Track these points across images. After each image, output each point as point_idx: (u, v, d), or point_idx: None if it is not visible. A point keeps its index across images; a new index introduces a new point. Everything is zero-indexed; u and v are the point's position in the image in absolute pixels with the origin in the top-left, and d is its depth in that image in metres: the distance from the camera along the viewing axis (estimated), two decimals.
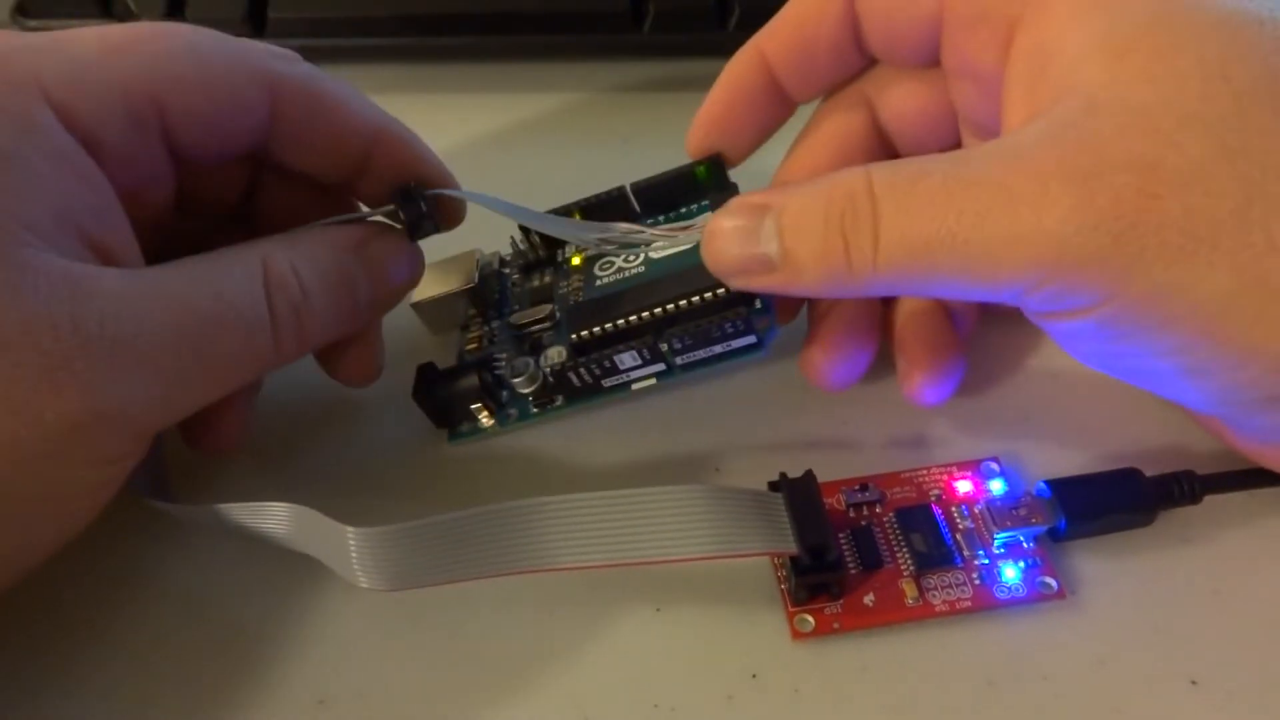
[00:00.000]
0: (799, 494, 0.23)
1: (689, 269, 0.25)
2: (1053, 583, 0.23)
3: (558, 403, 0.27)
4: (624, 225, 0.27)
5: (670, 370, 0.26)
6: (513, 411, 0.28)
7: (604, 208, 0.28)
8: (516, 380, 0.27)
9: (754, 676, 0.23)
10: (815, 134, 0.28)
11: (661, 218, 0.28)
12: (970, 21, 0.23)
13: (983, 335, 0.29)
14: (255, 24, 0.39)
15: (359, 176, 0.26)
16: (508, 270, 0.30)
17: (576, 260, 0.29)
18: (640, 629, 0.24)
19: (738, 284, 0.23)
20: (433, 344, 0.31)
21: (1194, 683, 0.22)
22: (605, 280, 0.27)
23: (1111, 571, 0.24)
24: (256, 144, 0.25)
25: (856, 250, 0.21)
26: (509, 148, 0.38)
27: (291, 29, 0.39)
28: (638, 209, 0.28)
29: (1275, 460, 0.24)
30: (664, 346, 0.26)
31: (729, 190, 0.27)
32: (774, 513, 0.23)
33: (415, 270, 0.27)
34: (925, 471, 0.25)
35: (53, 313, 0.19)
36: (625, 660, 0.23)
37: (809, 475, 0.24)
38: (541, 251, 0.29)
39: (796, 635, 0.23)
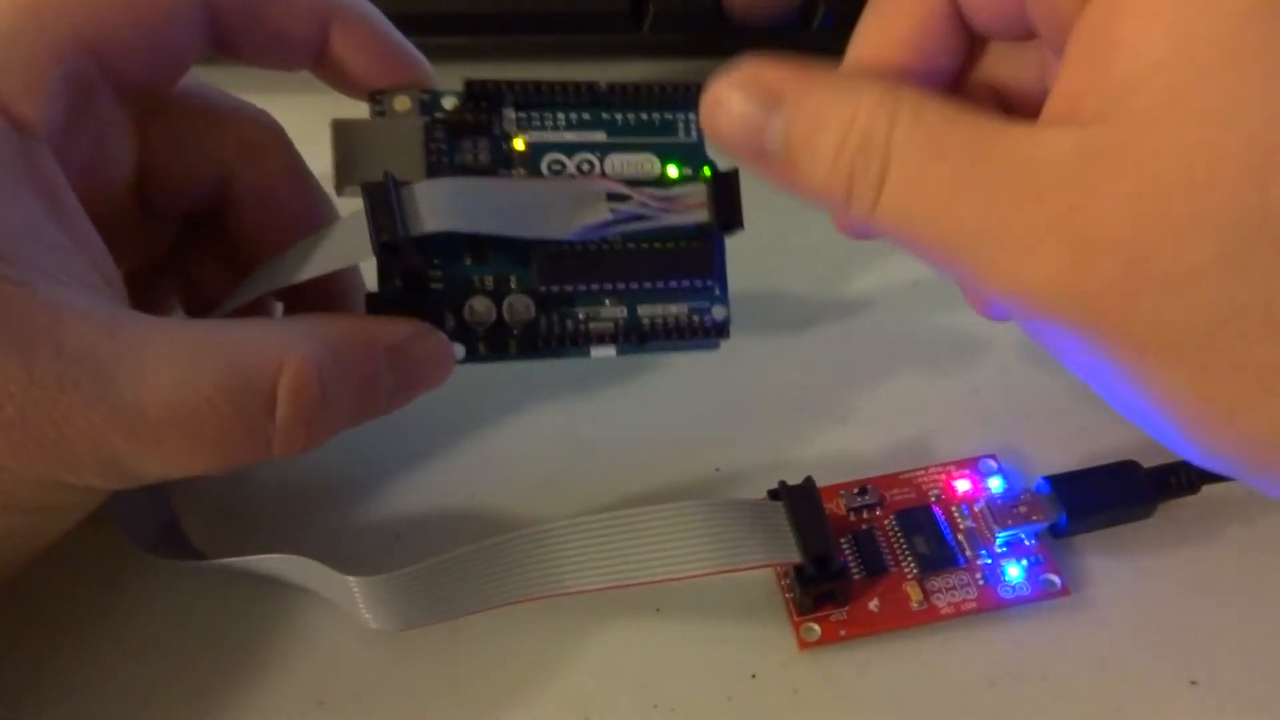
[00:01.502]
0: (800, 502, 0.23)
1: (667, 248, 0.25)
2: (1056, 580, 0.23)
3: (510, 350, 0.25)
4: (607, 186, 0.24)
5: (632, 343, 0.25)
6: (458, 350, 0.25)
7: (564, 89, 0.25)
8: (477, 325, 0.24)
9: (754, 676, 0.23)
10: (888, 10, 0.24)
11: (632, 117, 0.25)
12: None
13: None
14: None
15: (319, 65, 0.23)
16: (437, 130, 0.24)
17: (520, 144, 0.25)
18: (640, 629, 0.24)
19: (730, 153, 0.22)
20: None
21: (1193, 682, 0.22)
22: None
23: (1113, 566, 0.24)
24: (194, 51, 0.22)
25: (858, 195, 0.19)
26: None
27: None
28: (604, 96, 0.25)
29: None
30: (629, 320, 0.25)
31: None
32: (776, 523, 0.23)
33: (446, 375, 0.24)
34: (924, 472, 0.25)
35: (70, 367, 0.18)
36: (625, 660, 0.23)
37: (809, 482, 0.23)
38: (484, 115, 0.24)
39: (804, 645, 0.23)
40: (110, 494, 0.21)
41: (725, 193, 0.24)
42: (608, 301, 0.25)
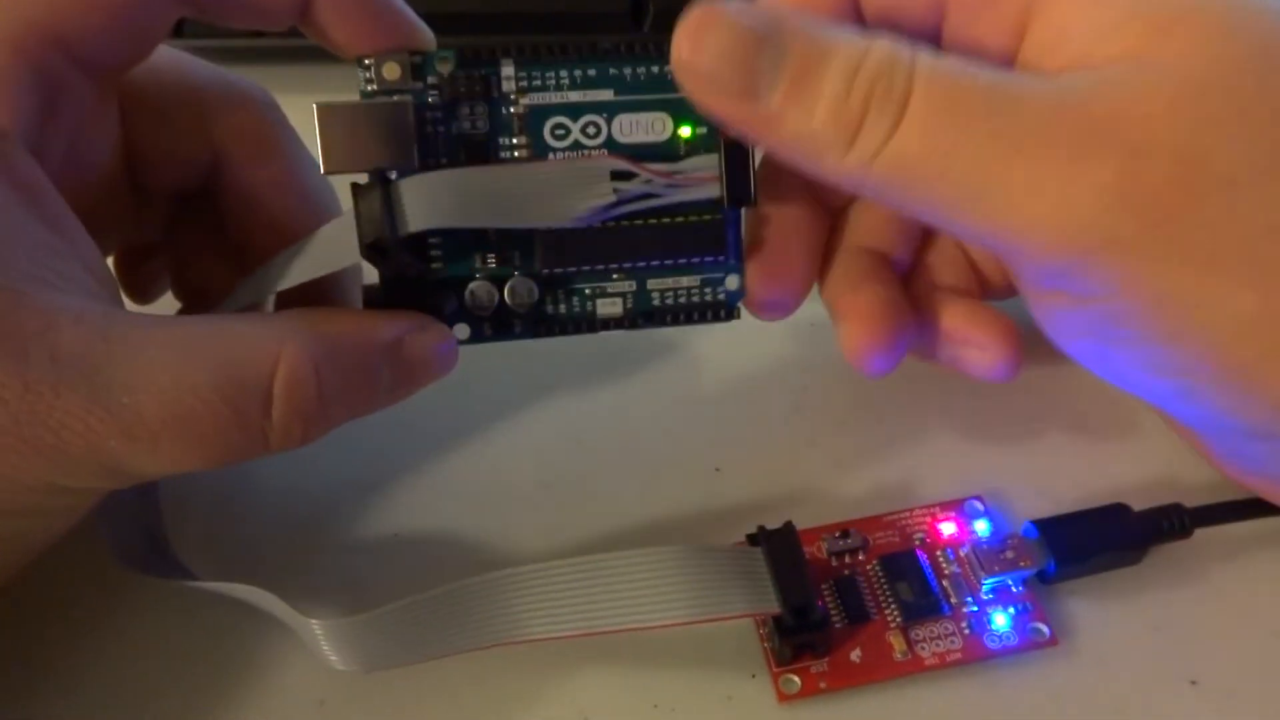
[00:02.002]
0: (779, 548, 0.22)
1: (677, 223, 0.23)
2: (1045, 629, 0.22)
3: (515, 330, 0.24)
4: (610, 163, 0.22)
5: (638, 319, 0.24)
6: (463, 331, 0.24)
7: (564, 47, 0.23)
8: (479, 310, 0.24)
9: (754, 676, 0.22)
10: None
11: (642, 71, 0.23)
12: (977, 4, 0.20)
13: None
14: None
15: (305, 25, 0.22)
16: (431, 98, 0.23)
17: (521, 107, 0.23)
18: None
19: (699, 92, 0.20)
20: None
21: (1193, 682, 0.22)
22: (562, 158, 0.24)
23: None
24: (165, 20, 0.22)
25: (869, 130, 0.18)
26: None
27: (291, 29, 0.37)
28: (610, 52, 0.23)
29: (1254, 485, 0.24)
30: (638, 295, 0.24)
31: None
32: (754, 570, 0.22)
33: (449, 367, 0.23)
34: (908, 514, 0.25)
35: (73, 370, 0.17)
36: (625, 660, 0.23)
37: (788, 527, 0.23)
38: (479, 82, 0.23)
39: (783, 698, 0.22)
40: (107, 494, 0.20)
41: (737, 165, 0.23)
42: (615, 276, 0.24)
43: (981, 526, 0.24)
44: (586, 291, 0.24)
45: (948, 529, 0.24)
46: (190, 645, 0.23)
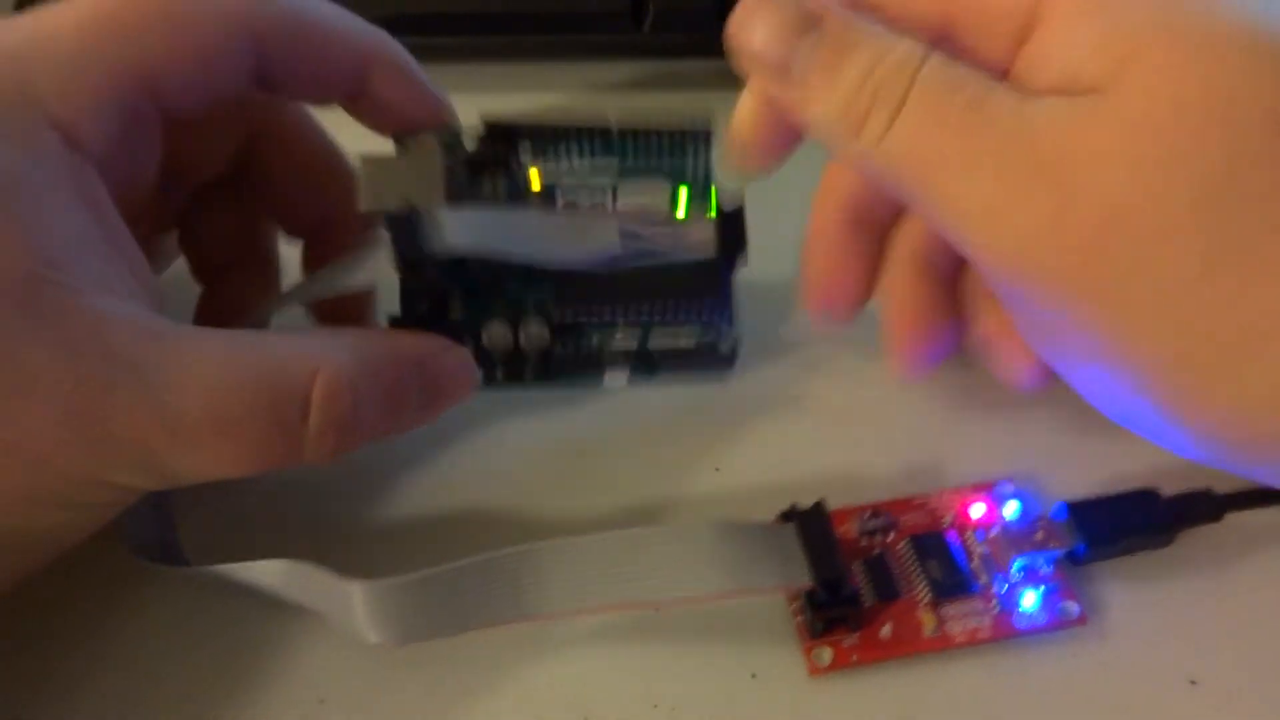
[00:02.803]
0: (811, 526, 0.23)
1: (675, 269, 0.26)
2: (1074, 608, 0.23)
3: (526, 377, 0.27)
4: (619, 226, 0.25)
5: (642, 372, 0.27)
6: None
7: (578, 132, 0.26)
8: (495, 351, 0.26)
9: (754, 676, 0.23)
10: None
11: (643, 161, 0.26)
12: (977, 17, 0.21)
13: None
14: None
15: (352, 102, 0.24)
16: (458, 164, 0.26)
17: (535, 176, 0.26)
18: (640, 629, 0.24)
19: (745, 66, 0.22)
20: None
21: (1193, 682, 0.22)
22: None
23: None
24: (241, 87, 0.23)
25: (873, 122, 0.20)
26: None
27: None
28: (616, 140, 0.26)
29: None
30: (640, 346, 0.27)
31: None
32: (787, 546, 0.23)
33: (472, 388, 0.25)
34: (937, 496, 0.25)
35: (95, 369, 0.19)
36: (625, 660, 0.23)
37: (820, 506, 0.23)
38: (500, 157, 0.26)
39: (814, 670, 0.22)
40: (144, 494, 0.21)
41: (730, 230, 0.26)
42: (619, 335, 0.26)
43: (1011, 508, 0.25)
44: (594, 341, 0.26)
45: (977, 511, 0.25)
46: (190, 643, 0.23)
